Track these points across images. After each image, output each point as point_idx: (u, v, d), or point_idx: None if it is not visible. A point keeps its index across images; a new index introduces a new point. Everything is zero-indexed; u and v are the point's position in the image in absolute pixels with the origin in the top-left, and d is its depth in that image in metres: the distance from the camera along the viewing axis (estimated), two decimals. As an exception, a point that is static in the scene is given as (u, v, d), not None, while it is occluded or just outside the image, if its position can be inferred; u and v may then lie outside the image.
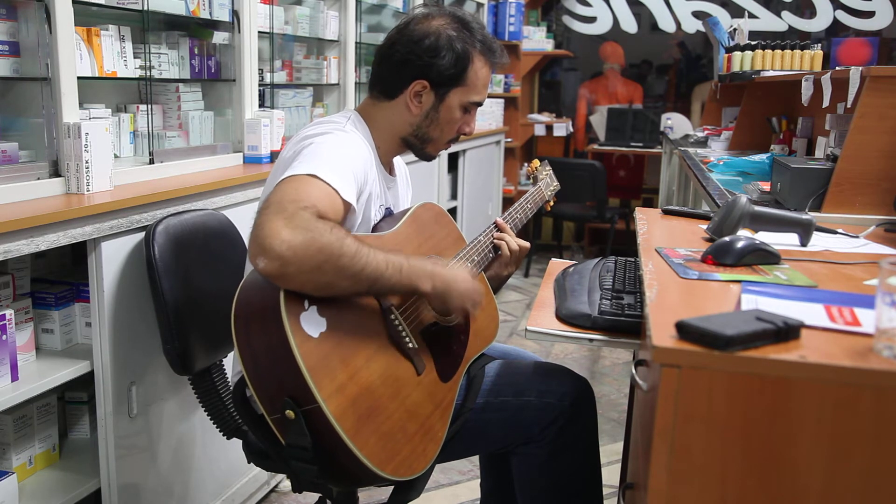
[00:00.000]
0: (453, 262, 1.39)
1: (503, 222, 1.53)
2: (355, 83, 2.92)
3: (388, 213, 1.44)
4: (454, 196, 3.90)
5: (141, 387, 1.61)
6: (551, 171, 1.82)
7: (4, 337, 1.38)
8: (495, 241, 1.50)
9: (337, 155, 1.19)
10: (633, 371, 1.00)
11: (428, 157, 1.44)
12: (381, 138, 1.38)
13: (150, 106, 1.98)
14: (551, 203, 1.80)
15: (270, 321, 1.02)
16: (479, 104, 1.38)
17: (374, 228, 1.36)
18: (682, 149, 3.43)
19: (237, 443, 1.41)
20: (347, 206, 1.16)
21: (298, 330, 1.02)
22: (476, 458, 2.13)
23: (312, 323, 1.04)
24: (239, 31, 2.17)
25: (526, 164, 5.40)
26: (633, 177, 5.67)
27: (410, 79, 1.33)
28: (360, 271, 1.05)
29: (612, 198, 5.57)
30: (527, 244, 1.53)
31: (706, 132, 3.92)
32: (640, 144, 5.30)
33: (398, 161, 1.55)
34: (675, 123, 5.02)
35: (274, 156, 2.21)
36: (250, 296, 1.07)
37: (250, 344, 1.05)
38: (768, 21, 5.22)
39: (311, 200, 1.05)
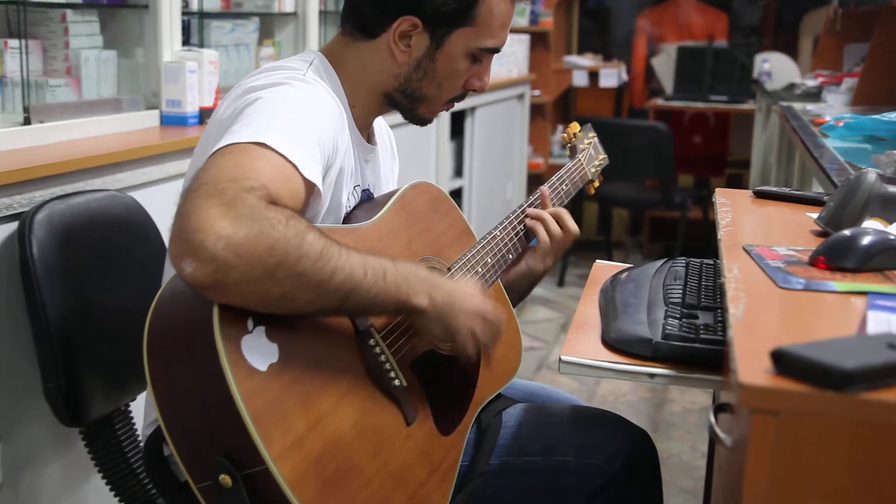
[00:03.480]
0: (456, 266, 1.39)
1: (547, 192, 1.54)
2: (320, 12, 2.92)
3: (367, 197, 1.44)
4: (459, 173, 3.91)
5: (10, 444, 1.61)
6: (596, 139, 1.82)
7: None
8: (528, 222, 1.51)
9: (295, 115, 1.19)
10: (712, 420, 1.00)
11: (420, 121, 1.44)
12: (357, 92, 1.39)
13: (23, 41, 1.98)
14: (596, 183, 1.80)
15: (199, 349, 1.02)
16: (496, 50, 1.38)
17: (347, 218, 1.36)
18: (785, 104, 3.43)
19: (150, 522, 1.42)
20: (310, 188, 1.16)
21: (239, 361, 1.02)
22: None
23: (259, 351, 1.04)
24: (153, -62, 2.18)
25: (560, 128, 5.40)
26: (713, 145, 5.68)
27: (395, 13, 1.33)
28: (327, 279, 1.05)
29: (682, 175, 5.57)
30: (575, 229, 1.54)
31: (819, 80, 3.91)
32: (724, 98, 5.31)
33: (380, 124, 1.55)
34: (774, 68, 5.02)
35: (204, 114, 2.21)
36: (171, 313, 1.07)
37: (170, 381, 1.06)
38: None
39: (259, 179, 1.06)
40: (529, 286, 1.57)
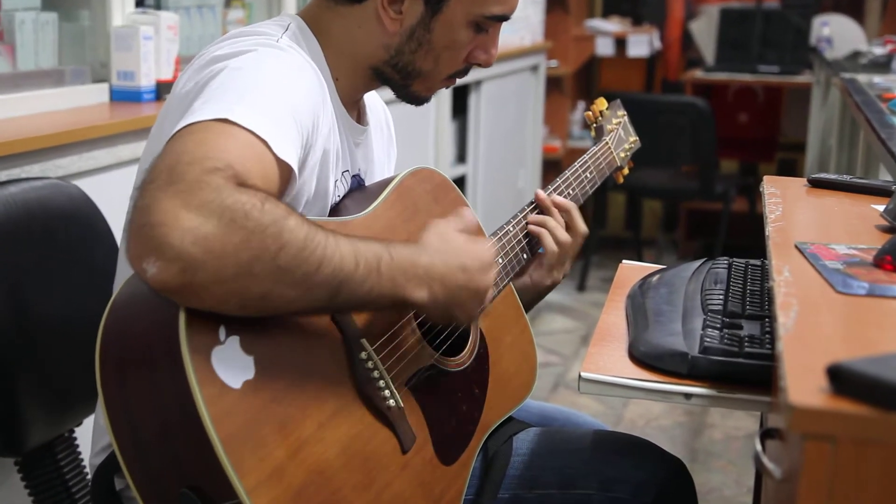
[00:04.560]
0: None
1: (546, 197, 1.55)
2: (296, -33, 2.93)
3: (357, 185, 1.45)
4: (462, 158, 3.91)
5: (-62, 474, 1.62)
6: (626, 119, 1.83)
7: None
8: (531, 228, 1.52)
9: (266, 86, 1.20)
10: (759, 448, 1.01)
11: (416, 99, 1.45)
12: (341, 64, 1.39)
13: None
14: (626, 170, 1.81)
15: (162, 362, 1.03)
16: (504, 18, 1.39)
17: (335, 209, 1.37)
18: (847, 76, 3.44)
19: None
20: (285, 170, 1.17)
21: (209, 377, 1.03)
22: None
23: (232, 365, 1.05)
24: None
25: (582, 105, 5.41)
26: (761, 124, 5.68)
27: None
28: (313, 272, 1.06)
29: (725, 160, 5.57)
30: (584, 229, 1.55)
31: (889, 47, 3.92)
32: (776, 69, 5.31)
33: (375, 102, 1.56)
34: (835, 32, 5.01)
35: (162, 89, 2.22)
36: (128, 320, 1.08)
37: (127, 401, 1.06)
38: None
39: (224, 158, 1.06)
40: (532, 301, 1.57)
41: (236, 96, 1.15)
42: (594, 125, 1.77)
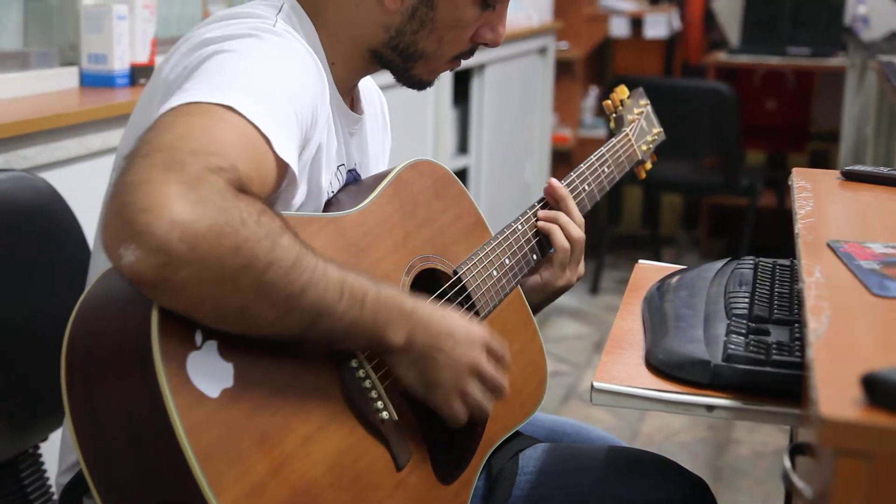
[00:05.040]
0: (465, 268, 1.40)
1: (561, 187, 1.55)
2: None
3: (353, 179, 1.45)
4: (463, 148, 3.92)
5: None
6: (650, 108, 1.82)
7: None
8: (540, 225, 1.52)
9: (266, 76, 1.20)
10: (787, 465, 1.01)
11: (417, 84, 1.46)
12: (336, 47, 1.39)
13: None
14: (648, 165, 1.80)
15: (132, 369, 1.03)
16: None
17: (327, 205, 1.37)
18: (885, 59, 3.44)
19: None
20: (284, 171, 1.17)
21: (183, 384, 1.02)
22: None
23: (209, 372, 1.05)
24: None
25: (593, 90, 5.41)
26: (791, 112, 5.68)
27: None
28: (297, 294, 1.06)
29: (751, 151, 5.57)
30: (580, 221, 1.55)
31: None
32: (807, 52, 5.32)
33: (369, 87, 1.56)
34: (871, 11, 5.01)
35: (137, 73, 2.22)
36: (96, 323, 1.08)
37: (94, 411, 1.06)
38: None
39: (228, 157, 1.06)
40: (542, 303, 1.58)
41: (236, 81, 1.15)
42: (613, 115, 1.76)
